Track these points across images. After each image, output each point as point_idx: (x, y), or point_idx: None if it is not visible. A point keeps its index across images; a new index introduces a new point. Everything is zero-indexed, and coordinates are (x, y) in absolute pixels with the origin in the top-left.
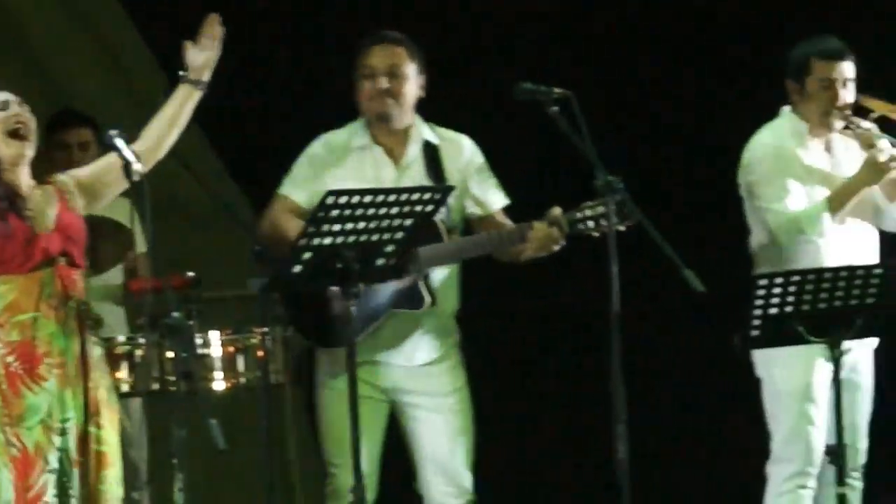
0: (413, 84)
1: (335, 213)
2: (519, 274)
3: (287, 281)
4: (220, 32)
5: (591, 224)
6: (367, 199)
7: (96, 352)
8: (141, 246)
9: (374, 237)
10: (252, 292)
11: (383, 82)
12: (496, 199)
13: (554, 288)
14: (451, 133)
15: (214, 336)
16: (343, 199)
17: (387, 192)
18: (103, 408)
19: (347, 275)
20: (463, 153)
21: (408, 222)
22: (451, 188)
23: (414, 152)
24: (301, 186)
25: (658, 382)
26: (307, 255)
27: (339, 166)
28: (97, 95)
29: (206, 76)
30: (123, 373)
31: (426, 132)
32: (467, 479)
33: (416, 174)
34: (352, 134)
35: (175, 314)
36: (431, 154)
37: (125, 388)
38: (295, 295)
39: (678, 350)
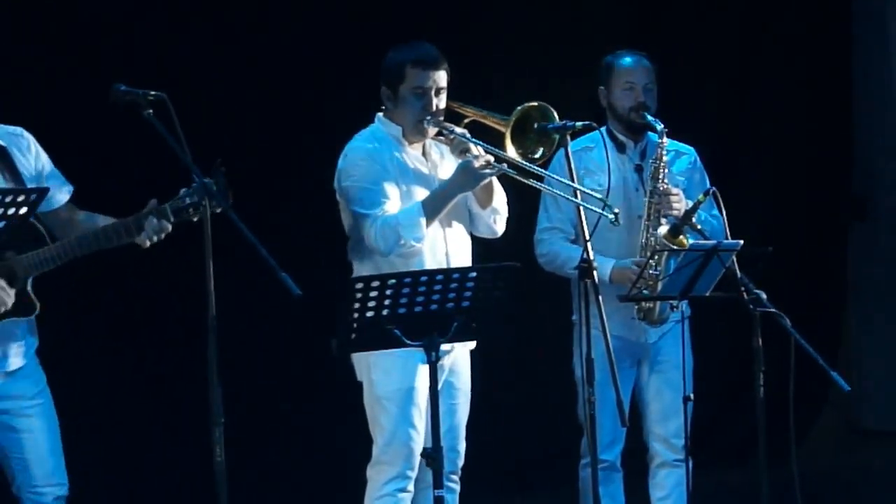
0: None
1: None
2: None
3: None
4: None
5: (191, 211)
6: None
7: None
8: None
9: None
10: None
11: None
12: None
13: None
14: None
15: None
16: None
17: None
18: None
19: None
20: None
21: (1, 224)
22: (45, 190)
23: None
24: None
25: (258, 385)
26: None
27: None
28: None
29: None
30: None
31: None
32: None
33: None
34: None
35: None
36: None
37: None
38: None
39: (280, 353)
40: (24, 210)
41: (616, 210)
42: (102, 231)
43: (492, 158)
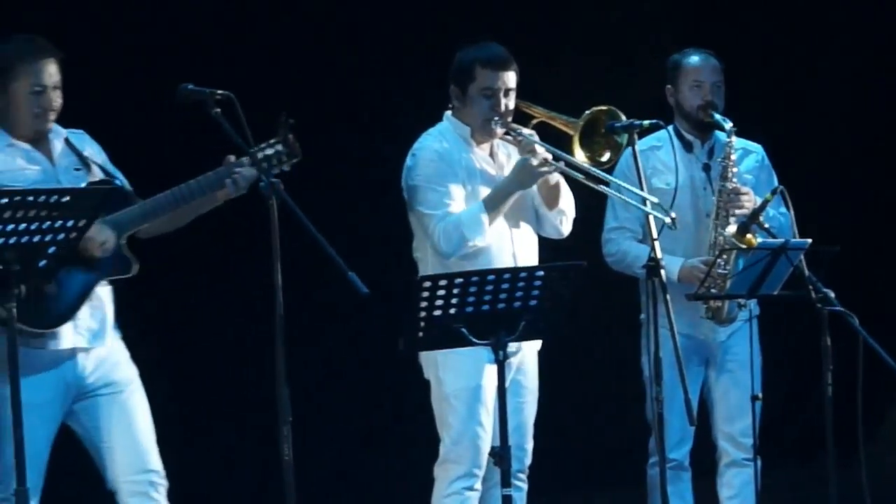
0: None
1: None
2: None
3: None
4: None
5: (276, 160)
6: (30, 199)
7: None
8: None
9: (37, 238)
10: None
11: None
12: None
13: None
14: None
15: None
16: (3, 200)
17: (48, 192)
18: None
19: (7, 276)
20: None
21: (70, 223)
22: (112, 188)
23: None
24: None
25: (325, 384)
26: None
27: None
28: None
29: None
30: None
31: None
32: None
33: (69, 169)
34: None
35: None
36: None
37: None
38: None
39: (347, 352)
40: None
41: (672, 215)
42: (188, 185)
43: (549, 156)
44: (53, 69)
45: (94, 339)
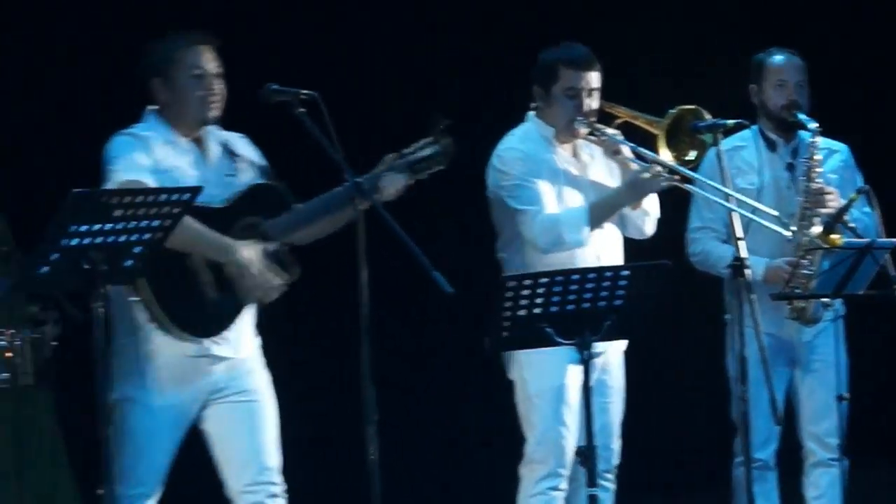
0: None
1: (82, 213)
2: None
3: (34, 282)
4: None
5: (426, 163)
6: (115, 199)
7: None
8: None
9: (122, 238)
10: None
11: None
12: None
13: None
14: None
15: None
16: (90, 199)
17: (135, 192)
18: None
19: (95, 276)
20: None
21: (155, 223)
22: (199, 188)
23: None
24: (147, 172)
25: (410, 383)
26: (54, 256)
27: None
28: None
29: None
30: None
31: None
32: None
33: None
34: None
35: None
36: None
37: None
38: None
39: (432, 351)
40: (177, 210)
41: (794, 228)
42: (334, 194)
43: (660, 169)
44: (211, 56)
45: (231, 346)
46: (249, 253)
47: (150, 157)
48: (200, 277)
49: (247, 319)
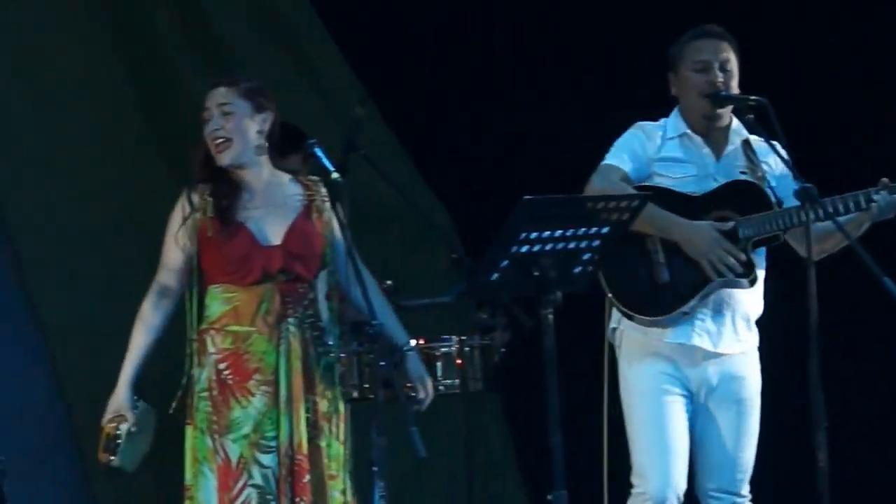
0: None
1: (532, 220)
2: None
3: (483, 288)
4: None
5: None
6: (564, 206)
7: (321, 363)
8: None
9: (572, 245)
10: (448, 300)
11: (719, 76)
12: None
13: None
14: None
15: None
16: (540, 206)
17: (584, 199)
18: (323, 421)
19: (545, 282)
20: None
21: (605, 230)
22: (648, 196)
23: (735, 146)
24: (628, 160)
25: (859, 388)
26: (504, 263)
27: (660, 152)
28: (295, 107)
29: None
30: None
31: (743, 130)
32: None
33: (734, 168)
34: (666, 124)
35: (374, 323)
36: (748, 151)
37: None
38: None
39: (880, 356)
40: (626, 216)
41: None
42: (833, 201)
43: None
44: (725, 46)
45: (714, 341)
46: (702, 228)
47: (645, 147)
48: (653, 258)
49: (735, 317)
